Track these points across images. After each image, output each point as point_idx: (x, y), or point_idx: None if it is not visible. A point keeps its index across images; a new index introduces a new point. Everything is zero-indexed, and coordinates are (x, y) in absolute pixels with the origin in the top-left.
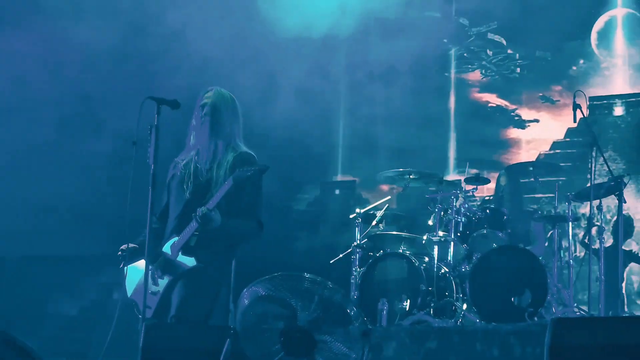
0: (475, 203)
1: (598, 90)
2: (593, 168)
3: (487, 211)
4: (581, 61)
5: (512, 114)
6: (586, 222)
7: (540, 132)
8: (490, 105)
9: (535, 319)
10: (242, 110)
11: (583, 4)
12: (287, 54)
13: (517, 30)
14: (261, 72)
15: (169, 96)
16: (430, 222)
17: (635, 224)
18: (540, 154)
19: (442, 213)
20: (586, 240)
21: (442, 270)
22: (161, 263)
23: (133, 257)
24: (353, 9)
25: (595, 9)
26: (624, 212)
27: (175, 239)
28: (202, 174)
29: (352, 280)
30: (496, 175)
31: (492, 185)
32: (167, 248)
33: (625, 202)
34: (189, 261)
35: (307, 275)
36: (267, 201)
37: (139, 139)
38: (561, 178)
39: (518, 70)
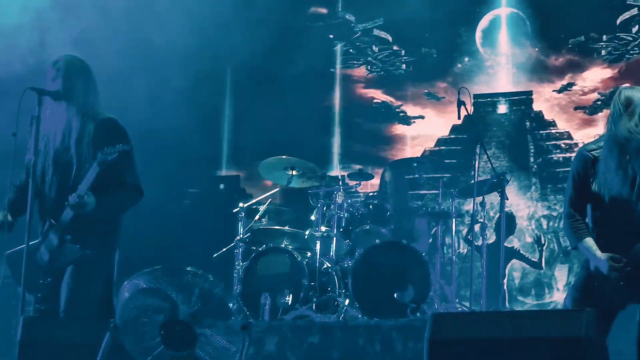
0: (358, 199)
1: (482, 87)
2: (477, 165)
3: (370, 207)
4: (466, 59)
5: (397, 110)
6: (469, 218)
7: (425, 128)
8: (375, 101)
9: (418, 314)
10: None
11: (468, 2)
12: (174, 53)
13: (403, 27)
14: (150, 70)
15: None
16: (313, 217)
17: (517, 221)
18: (425, 151)
19: (325, 208)
20: (469, 237)
21: (325, 266)
22: (44, 254)
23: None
24: (240, 4)
25: (479, 7)
26: (506, 209)
27: (53, 224)
28: (64, 152)
29: (235, 275)
30: (380, 171)
31: (376, 181)
32: (47, 236)
33: (507, 199)
34: (74, 249)
35: (188, 268)
36: (150, 195)
37: (19, 131)
38: (446, 175)
39: (404, 66)
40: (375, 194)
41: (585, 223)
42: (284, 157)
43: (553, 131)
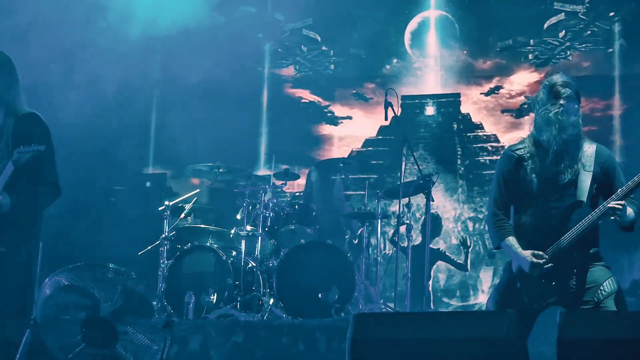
0: (285, 198)
1: (410, 89)
2: (403, 166)
3: (296, 207)
4: (395, 60)
5: (325, 110)
6: (395, 219)
7: (353, 129)
8: (303, 101)
9: (342, 314)
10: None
11: (397, 4)
12: (106, 48)
13: (332, 28)
14: (78, 67)
15: None
16: (238, 217)
17: (443, 223)
18: (352, 151)
19: (251, 207)
20: (395, 238)
21: (250, 265)
22: None
23: None
24: (168, 2)
25: (409, 9)
26: (432, 211)
27: None
28: None
29: (159, 273)
30: (307, 171)
31: (302, 180)
32: None
33: (433, 201)
34: None
35: (110, 265)
36: (76, 191)
37: None
38: (372, 175)
39: (332, 67)
40: (301, 194)
41: (509, 223)
42: (210, 163)
43: (480, 134)
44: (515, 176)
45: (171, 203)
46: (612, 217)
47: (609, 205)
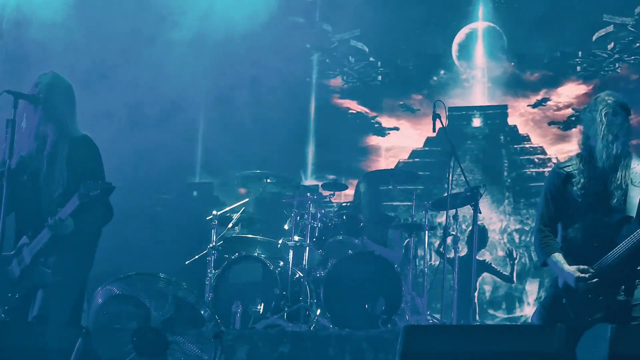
0: (332, 209)
1: (457, 101)
2: (450, 178)
3: (344, 217)
4: (442, 72)
5: (373, 121)
6: (442, 231)
7: (400, 140)
8: (351, 111)
9: (389, 325)
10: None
11: (445, 16)
12: (150, 55)
13: (380, 39)
14: (125, 76)
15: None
16: (286, 227)
17: (489, 235)
18: (399, 162)
19: (298, 218)
20: (441, 249)
21: (297, 275)
22: (15, 269)
23: None
24: (218, 12)
25: (456, 21)
26: (478, 223)
27: (28, 242)
28: (40, 169)
29: (207, 282)
30: (355, 182)
31: (350, 191)
32: (21, 252)
33: (480, 213)
34: (46, 274)
35: (161, 275)
36: (124, 201)
37: None
38: (419, 187)
39: (379, 78)
40: (348, 204)
41: (555, 240)
42: (258, 171)
43: (527, 146)
44: (563, 193)
45: (219, 213)
46: None
47: None
